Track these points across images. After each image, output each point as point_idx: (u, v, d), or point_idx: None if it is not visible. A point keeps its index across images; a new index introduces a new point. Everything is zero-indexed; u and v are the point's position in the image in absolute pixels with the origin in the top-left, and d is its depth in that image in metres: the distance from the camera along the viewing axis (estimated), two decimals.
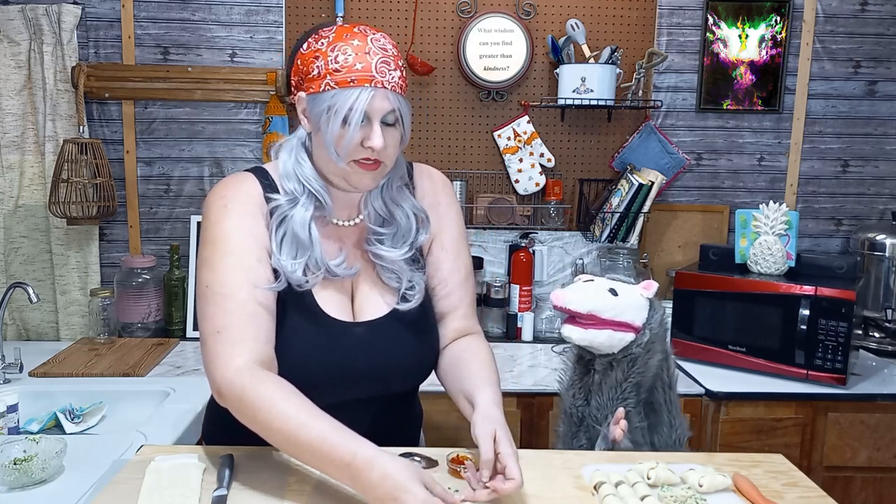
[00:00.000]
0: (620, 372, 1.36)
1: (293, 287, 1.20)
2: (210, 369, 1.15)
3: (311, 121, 1.21)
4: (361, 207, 1.30)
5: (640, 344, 1.35)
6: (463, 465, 1.21)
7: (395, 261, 1.27)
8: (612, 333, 1.34)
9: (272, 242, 1.21)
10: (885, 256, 2.41)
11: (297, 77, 1.23)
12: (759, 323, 2.12)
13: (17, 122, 2.38)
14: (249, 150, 2.52)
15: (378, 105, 1.16)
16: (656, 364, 1.38)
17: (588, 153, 2.60)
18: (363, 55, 1.16)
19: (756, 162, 2.65)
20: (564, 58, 2.45)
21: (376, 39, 1.19)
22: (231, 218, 1.20)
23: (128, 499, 1.11)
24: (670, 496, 1.12)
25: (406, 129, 1.22)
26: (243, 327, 1.15)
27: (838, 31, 2.58)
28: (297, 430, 1.06)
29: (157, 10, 2.45)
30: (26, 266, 2.43)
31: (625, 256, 2.52)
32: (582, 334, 1.34)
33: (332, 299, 1.24)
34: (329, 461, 1.05)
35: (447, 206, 1.37)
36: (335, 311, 1.24)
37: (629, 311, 1.34)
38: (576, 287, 1.38)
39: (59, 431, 1.78)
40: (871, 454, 2.08)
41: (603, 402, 1.37)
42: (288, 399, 1.09)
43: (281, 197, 1.23)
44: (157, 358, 2.20)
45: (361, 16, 2.48)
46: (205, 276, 1.18)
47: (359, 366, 1.24)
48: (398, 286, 1.28)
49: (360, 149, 1.17)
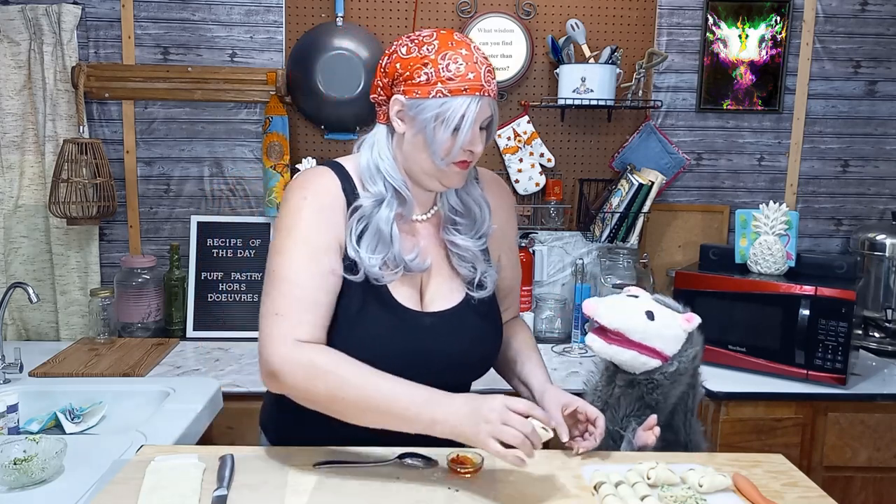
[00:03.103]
0: (640, 391, 1.34)
1: (370, 280, 1.24)
2: (267, 349, 1.19)
3: (411, 123, 1.25)
4: (437, 200, 1.36)
5: (664, 373, 1.32)
6: (463, 465, 1.21)
7: (471, 249, 1.32)
8: (637, 355, 1.31)
9: (350, 236, 1.25)
10: (885, 256, 2.41)
11: (390, 79, 1.27)
12: (759, 323, 2.12)
13: (17, 122, 2.38)
14: (249, 150, 2.53)
15: (484, 112, 1.24)
16: (678, 395, 1.35)
17: (588, 153, 2.60)
18: (473, 64, 1.23)
19: (756, 162, 2.65)
20: (564, 58, 2.45)
21: (477, 48, 1.27)
22: (309, 209, 1.25)
23: (128, 499, 1.11)
24: (670, 496, 1.12)
25: (494, 131, 1.31)
26: (303, 313, 1.20)
27: (838, 31, 2.58)
28: (371, 386, 1.15)
29: (157, 10, 2.45)
30: (26, 266, 2.43)
31: (625, 256, 2.52)
32: (604, 348, 1.32)
33: (405, 291, 1.29)
34: (408, 404, 1.14)
35: (509, 211, 1.47)
36: (407, 303, 1.28)
37: (661, 339, 1.31)
38: (613, 300, 1.35)
39: (59, 431, 1.78)
40: (871, 454, 2.08)
41: (617, 416, 1.36)
42: (352, 362, 1.17)
43: (366, 194, 1.27)
44: (157, 358, 2.20)
45: (361, 16, 2.48)
46: (274, 260, 1.23)
47: (430, 355, 1.27)
48: (472, 275, 1.33)
49: (462, 152, 1.24)
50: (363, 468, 1.23)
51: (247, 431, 2.00)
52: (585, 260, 2.59)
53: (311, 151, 2.51)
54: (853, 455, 2.08)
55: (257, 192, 2.54)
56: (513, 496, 1.15)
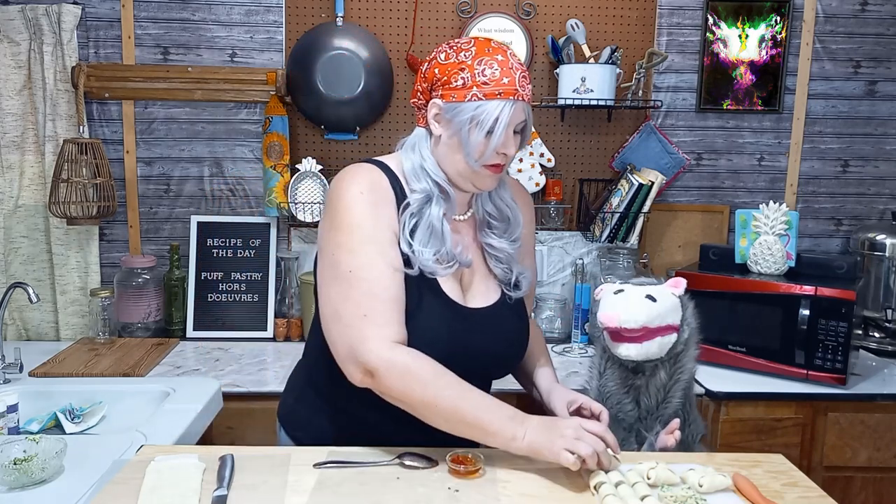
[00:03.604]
0: (664, 373, 1.39)
1: (424, 274, 1.28)
2: (361, 350, 1.21)
3: (448, 126, 1.29)
4: (473, 203, 1.41)
5: (682, 342, 1.39)
6: (463, 464, 1.21)
7: (506, 250, 1.38)
8: (661, 340, 1.37)
9: (403, 231, 1.29)
10: (885, 256, 2.41)
11: (429, 84, 1.32)
12: (759, 323, 2.12)
13: (17, 122, 2.38)
14: (249, 150, 2.53)
15: (517, 116, 1.29)
16: (693, 357, 1.42)
17: (588, 153, 2.60)
18: (508, 70, 1.27)
19: (756, 162, 2.65)
20: (564, 58, 2.45)
21: (513, 55, 1.30)
22: (366, 205, 1.26)
23: (128, 499, 1.11)
24: (670, 496, 1.12)
25: (527, 135, 1.34)
26: (389, 311, 1.23)
27: (838, 31, 2.58)
28: (462, 398, 1.21)
29: (157, 10, 2.45)
30: (26, 266, 2.43)
31: (625, 256, 2.52)
32: (639, 350, 1.37)
33: (451, 286, 1.33)
34: (494, 420, 1.20)
35: (531, 209, 1.52)
36: (454, 297, 1.33)
37: (669, 314, 1.37)
38: (619, 304, 1.38)
39: (59, 431, 1.78)
40: (871, 454, 2.08)
41: (651, 403, 1.40)
42: (446, 373, 1.22)
43: (415, 191, 1.31)
44: (157, 358, 2.20)
45: (361, 16, 2.48)
46: (346, 260, 1.25)
47: (471, 349, 1.31)
48: (508, 275, 1.38)
49: (495, 154, 1.28)
50: (363, 468, 1.23)
51: (247, 431, 2.00)
52: (585, 260, 2.59)
53: (311, 151, 2.51)
54: (853, 455, 2.08)
55: (257, 192, 2.54)
56: (513, 496, 1.15)
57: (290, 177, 2.42)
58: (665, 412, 1.39)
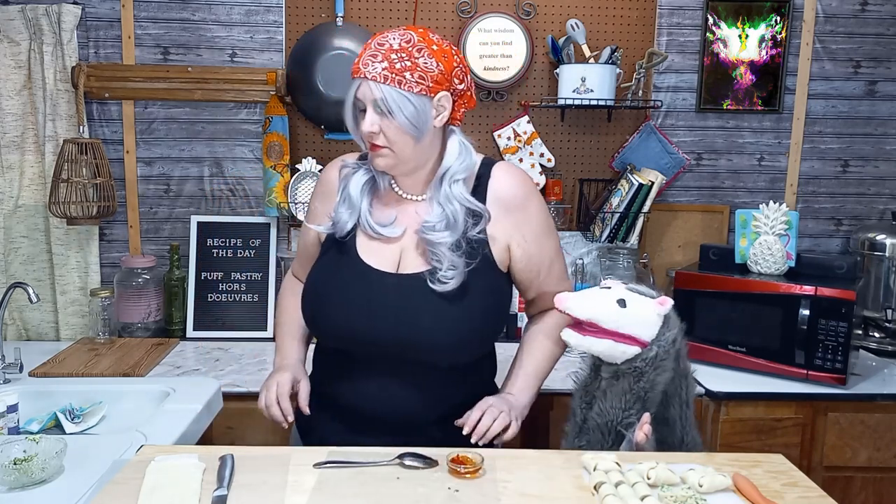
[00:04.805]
0: (626, 383, 1.34)
1: (338, 234, 1.42)
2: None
3: None
4: (427, 188, 1.42)
5: (644, 359, 1.32)
6: (463, 464, 1.21)
7: (437, 244, 1.35)
8: (614, 344, 1.31)
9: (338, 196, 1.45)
10: (885, 256, 2.41)
11: None
12: (759, 323, 2.12)
13: (17, 122, 2.38)
14: (249, 150, 2.53)
15: (362, 94, 1.31)
16: (665, 381, 1.35)
17: (588, 153, 2.60)
18: (363, 50, 1.32)
19: (756, 162, 2.65)
20: (564, 58, 2.45)
21: (385, 35, 1.31)
22: (315, 195, 1.55)
23: (128, 499, 1.11)
24: (670, 496, 1.12)
25: (399, 118, 1.29)
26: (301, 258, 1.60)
27: (838, 31, 2.58)
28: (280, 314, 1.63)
29: (157, 10, 2.45)
30: (26, 266, 2.43)
31: (625, 256, 2.52)
32: (579, 340, 1.33)
33: (376, 253, 1.40)
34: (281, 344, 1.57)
35: (524, 201, 1.45)
36: (376, 263, 1.39)
37: (636, 325, 1.32)
38: (584, 293, 1.36)
39: (59, 431, 1.78)
40: (871, 454, 2.08)
41: (605, 408, 1.36)
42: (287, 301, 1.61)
43: (349, 166, 1.46)
44: (157, 358, 2.20)
45: (361, 16, 2.48)
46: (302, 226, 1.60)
47: (382, 311, 1.35)
48: (436, 266, 1.35)
49: (366, 134, 1.33)
50: (363, 468, 1.23)
51: (247, 431, 2.00)
52: (585, 260, 2.59)
53: (311, 151, 2.51)
54: (853, 455, 2.08)
55: (257, 192, 2.54)
56: (513, 496, 1.15)
57: (290, 177, 2.42)
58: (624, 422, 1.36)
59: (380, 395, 1.39)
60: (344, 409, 1.42)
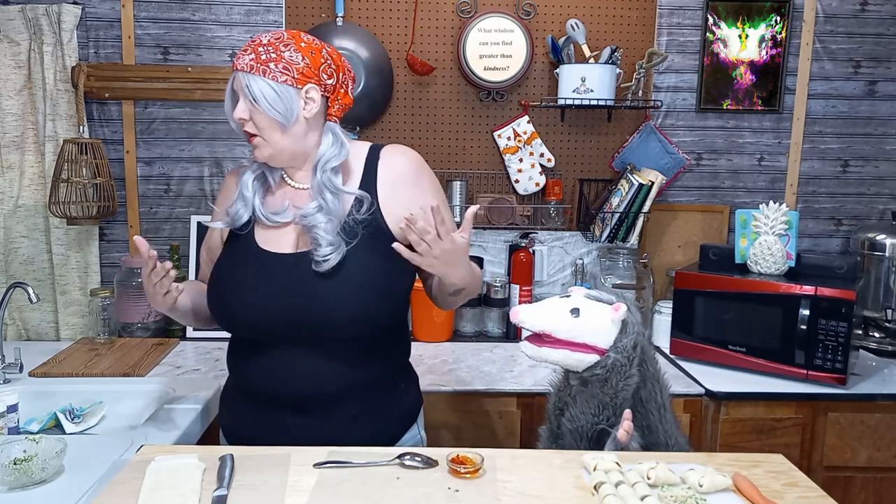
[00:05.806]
0: (595, 389, 1.35)
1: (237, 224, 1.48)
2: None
3: None
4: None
5: (604, 366, 1.33)
6: (463, 464, 1.22)
7: (312, 227, 1.41)
8: (570, 353, 1.33)
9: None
10: (885, 256, 2.41)
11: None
12: (759, 323, 2.12)
13: (17, 122, 2.38)
14: (249, 150, 2.52)
15: (236, 85, 1.41)
16: (632, 386, 1.35)
17: (588, 153, 2.60)
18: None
19: (756, 162, 2.65)
20: (564, 58, 2.45)
21: (261, 35, 1.41)
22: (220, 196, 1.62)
23: (128, 499, 1.12)
24: (670, 496, 1.12)
25: (262, 104, 1.38)
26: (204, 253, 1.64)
27: (838, 31, 2.58)
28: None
29: (157, 10, 2.45)
30: (26, 266, 2.43)
31: (625, 256, 2.52)
32: (535, 351, 1.36)
33: (274, 240, 1.46)
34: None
35: (416, 176, 1.51)
36: (273, 248, 1.46)
37: (589, 333, 1.33)
38: (539, 304, 1.38)
39: (59, 431, 1.78)
40: (871, 454, 2.08)
41: (575, 414, 1.37)
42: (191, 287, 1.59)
43: (244, 164, 1.55)
44: (157, 358, 2.20)
45: (361, 16, 2.48)
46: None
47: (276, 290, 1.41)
48: (316, 248, 1.41)
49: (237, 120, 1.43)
50: (363, 468, 1.23)
51: None
52: (585, 260, 2.59)
53: None
54: (853, 455, 2.08)
55: None
56: (513, 496, 1.15)
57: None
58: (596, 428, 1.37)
59: (288, 373, 1.42)
60: (259, 392, 1.46)
